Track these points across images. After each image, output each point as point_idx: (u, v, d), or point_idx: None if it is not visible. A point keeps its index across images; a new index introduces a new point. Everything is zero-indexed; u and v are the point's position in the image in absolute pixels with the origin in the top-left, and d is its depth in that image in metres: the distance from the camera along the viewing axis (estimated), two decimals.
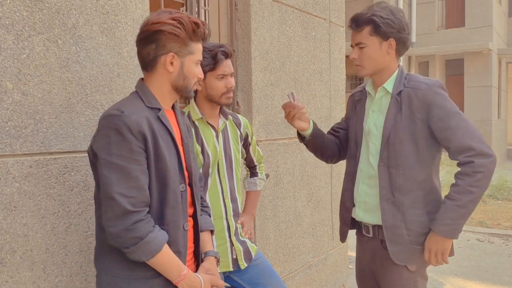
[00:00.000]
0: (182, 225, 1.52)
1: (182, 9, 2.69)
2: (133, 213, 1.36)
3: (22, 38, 1.60)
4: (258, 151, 2.33)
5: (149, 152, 1.42)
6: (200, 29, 1.50)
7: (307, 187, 3.44)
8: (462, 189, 1.78)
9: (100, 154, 1.38)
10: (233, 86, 2.00)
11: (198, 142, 1.98)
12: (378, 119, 1.95)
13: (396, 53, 1.93)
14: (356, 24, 1.92)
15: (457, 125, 1.80)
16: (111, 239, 1.39)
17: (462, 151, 1.79)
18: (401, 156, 1.87)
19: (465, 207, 1.79)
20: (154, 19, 1.46)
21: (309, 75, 3.45)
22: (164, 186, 1.46)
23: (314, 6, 3.48)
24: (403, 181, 1.87)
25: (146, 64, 1.51)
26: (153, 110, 1.48)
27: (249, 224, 2.21)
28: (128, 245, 1.37)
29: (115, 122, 1.37)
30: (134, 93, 1.52)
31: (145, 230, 1.37)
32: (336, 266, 3.87)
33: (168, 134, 1.49)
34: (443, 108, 1.82)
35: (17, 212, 1.58)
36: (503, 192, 8.63)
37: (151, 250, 1.39)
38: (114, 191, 1.35)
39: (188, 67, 1.51)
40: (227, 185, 2.05)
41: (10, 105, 1.56)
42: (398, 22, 1.87)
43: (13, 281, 1.57)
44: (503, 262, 4.88)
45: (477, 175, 1.76)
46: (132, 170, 1.37)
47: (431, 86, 1.85)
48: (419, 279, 1.94)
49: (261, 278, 2.11)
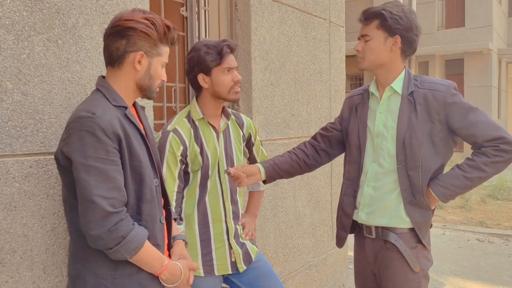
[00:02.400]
0: (158, 219, 1.55)
1: (182, 9, 2.69)
2: (114, 214, 1.36)
3: (22, 38, 1.60)
4: (262, 151, 2.29)
5: (123, 151, 1.42)
6: (171, 33, 1.52)
7: (307, 187, 3.44)
8: (476, 165, 1.82)
9: (75, 158, 1.36)
10: (240, 80, 1.98)
11: (197, 143, 1.96)
12: (387, 120, 1.94)
13: (401, 52, 1.92)
14: (365, 17, 1.93)
15: (480, 120, 1.83)
16: (92, 242, 1.38)
17: (490, 141, 1.82)
18: (420, 157, 1.86)
19: (471, 181, 1.83)
20: (127, 15, 1.47)
21: (309, 75, 3.45)
22: (141, 183, 1.48)
23: (314, 6, 3.48)
24: (423, 182, 1.88)
25: (114, 60, 1.50)
26: (119, 108, 1.48)
27: (250, 225, 2.17)
28: (111, 246, 1.37)
29: (87, 124, 1.36)
30: (97, 92, 1.50)
31: (127, 229, 1.38)
32: (336, 266, 3.87)
33: (136, 131, 1.51)
34: (463, 107, 1.85)
35: (17, 212, 1.58)
36: (503, 192, 8.64)
37: (133, 248, 1.40)
38: (93, 194, 1.34)
39: (155, 68, 1.53)
40: (228, 187, 2.03)
41: (10, 105, 1.56)
42: (406, 21, 1.87)
43: (13, 281, 1.57)
44: (503, 262, 4.88)
45: (496, 158, 1.79)
46: (109, 171, 1.37)
47: (448, 87, 1.87)
48: (422, 279, 1.93)
49: (260, 280, 2.09)
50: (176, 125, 1.96)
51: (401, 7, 1.90)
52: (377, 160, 1.96)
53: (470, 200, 8.06)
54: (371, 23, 1.90)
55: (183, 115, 2.01)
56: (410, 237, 1.93)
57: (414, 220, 1.90)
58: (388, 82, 1.94)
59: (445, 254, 5.12)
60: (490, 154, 1.80)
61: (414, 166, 1.87)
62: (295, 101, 3.29)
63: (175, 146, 1.90)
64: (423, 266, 1.92)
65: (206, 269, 1.99)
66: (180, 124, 1.97)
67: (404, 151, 1.88)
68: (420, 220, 1.91)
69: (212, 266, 1.99)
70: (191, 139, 1.95)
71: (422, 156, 1.86)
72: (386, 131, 1.93)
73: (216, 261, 2.00)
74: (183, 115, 2.01)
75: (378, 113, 1.96)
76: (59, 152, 1.44)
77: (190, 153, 1.94)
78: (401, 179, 1.89)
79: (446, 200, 1.89)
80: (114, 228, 1.36)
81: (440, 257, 4.99)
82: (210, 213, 1.99)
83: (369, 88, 2.03)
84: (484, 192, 8.71)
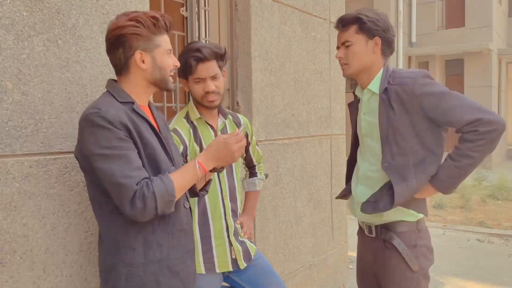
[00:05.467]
0: (182, 204, 1.59)
1: (182, 9, 2.69)
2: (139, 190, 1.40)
3: (22, 38, 1.60)
4: (257, 151, 2.33)
5: (135, 140, 1.45)
6: (160, 22, 1.52)
7: (307, 187, 3.44)
8: (462, 152, 1.81)
9: (93, 152, 1.40)
10: (211, 90, 1.96)
11: (196, 142, 1.98)
12: (370, 120, 1.97)
13: (382, 53, 1.95)
14: (342, 24, 1.96)
15: (453, 104, 1.81)
16: (141, 217, 1.41)
17: (467, 125, 1.80)
18: (408, 152, 1.87)
19: (463, 169, 1.83)
20: (113, 25, 1.50)
21: (309, 75, 3.45)
22: (157, 170, 1.50)
23: (314, 6, 3.48)
24: (417, 173, 1.87)
25: (120, 70, 1.54)
26: (126, 104, 1.51)
27: (248, 225, 2.20)
28: (155, 208, 1.40)
29: (95, 119, 1.39)
30: (105, 93, 1.55)
31: (150, 187, 1.39)
32: (336, 266, 3.87)
33: (146, 123, 1.53)
34: (433, 94, 1.83)
35: (17, 212, 1.58)
36: (503, 192, 8.62)
37: (168, 189, 1.42)
38: (118, 177, 1.37)
39: (161, 59, 1.54)
40: (227, 185, 2.05)
41: (10, 105, 1.56)
42: (383, 22, 1.91)
43: (13, 281, 1.57)
44: (503, 262, 4.88)
45: (479, 141, 1.78)
46: (127, 155, 1.40)
47: (415, 79, 1.86)
48: (421, 279, 1.94)
49: (261, 278, 2.11)
50: (175, 125, 1.99)
51: (374, 11, 1.95)
52: (368, 160, 1.99)
53: (470, 200, 8.06)
54: (349, 29, 1.94)
55: (181, 115, 2.05)
56: (409, 236, 1.94)
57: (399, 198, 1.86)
58: (368, 84, 1.97)
59: (445, 254, 5.12)
60: (472, 139, 1.79)
61: (403, 161, 1.88)
62: (295, 101, 3.29)
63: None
64: (422, 265, 1.93)
65: (207, 266, 2.00)
66: (179, 124, 2.00)
67: (390, 148, 1.89)
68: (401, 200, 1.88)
69: (213, 263, 2.01)
70: (191, 139, 1.98)
71: (410, 149, 1.87)
72: (371, 131, 1.96)
73: (217, 258, 2.02)
74: (181, 116, 2.04)
75: (363, 115, 2.01)
76: (77, 152, 1.49)
77: (190, 152, 1.97)
78: (391, 175, 1.89)
79: (447, 191, 1.89)
80: (143, 196, 1.38)
81: (440, 257, 4.99)
82: (210, 211, 2.01)
83: (355, 92, 2.08)
84: (484, 192, 8.71)
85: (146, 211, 1.39)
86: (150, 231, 1.50)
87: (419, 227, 1.97)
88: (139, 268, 1.48)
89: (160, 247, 1.51)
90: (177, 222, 1.55)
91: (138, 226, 1.47)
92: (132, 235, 1.48)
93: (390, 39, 1.94)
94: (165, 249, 1.52)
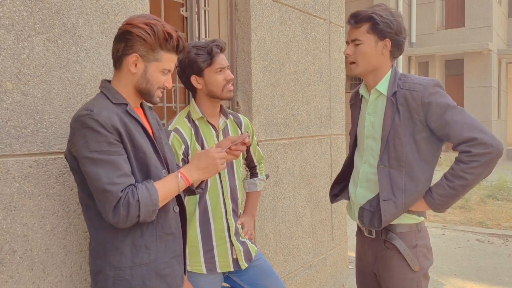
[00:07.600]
0: (171, 208, 1.59)
1: (182, 9, 2.69)
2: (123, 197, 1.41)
3: (22, 38, 1.60)
4: (258, 151, 2.33)
5: (125, 144, 1.45)
6: (173, 40, 1.51)
7: (307, 187, 3.44)
8: (455, 173, 1.81)
9: (81, 154, 1.40)
10: (232, 78, 2.01)
11: (198, 142, 1.99)
12: (375, 121, 1.95)
13: (390, 55, 1.93)
14: (355, 20, 1.92)
15: (454, 119, 1.80)
16: (122, 224, 1.42)
17: (463, 142, 1.79)
18: (404, 157, 1.87)
19: (456, 190, 1.82)
20: (129, 19, 1.50)
21: (309, 75, 3.45)
22: (147, 174, 1.50)
23: (314, 6, 3.48)
24: (407, 182, 1.88)
25: (115, 61, 1.55)
26: (120, 105, 1.51)
27: (249, 225, 2.20)
28: (138, 217, 1.41)
29: (86, 121, 1.39)
30: (99, 93, 1.55)
31: (135, 194, 1.40)
32: (335, 266, 3.87)
33: (139, 126, 1.53)
34: (439, 105, 1.82)
35: (17, 212, 1.58)
36: (503, 193, 8.63)
37: (153, 199, 1.43)
38: (104, 183, 1.37)
39: (152, 73, 1.53)
40: (228, 184, 2.05)
41: (10, 105, 1.56)
42: (396, 24, 1.88)
43: (13, 281, 1.57)
44: (503, 262, 4.88)
45: (472, 163, 1.77)
46: (115, 161, 1.40)
47: (426, 86, 1.85)
48: (422, 279, 1.94)
49: (261, 278, 2.11)
50: (177, 124, 1.99)
51: (389, 10, 1.91)
52: (368, 161, 1.98)
53: (470, 200, 8.06)
54: (361, 26, 1.90)
55: (183, 115, 2.04)
56: (410, 236, 1.94)
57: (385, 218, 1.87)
58: (376, 84, 1.96)
59: (445, 254, 5.12)
60: (465, 161, 1.78)
61: (397, 166, 1.88)
62: (295, 101, 3.29)
63: (177, 145, 1.94)
64: (422, 265, 1.93)
65: (208, 266, 2.00)
66: (181, 123, 2.00)
67: (388, 151, 1.89)
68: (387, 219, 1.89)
69: (214, 263, 2.01)
70: (192, 138, 1.98)
71: (406, 156, 1.87)
72: (374, 132, 1.95)
73: (218, 258, 2.02)
74: (183, 115, 2.04)
75: (367, 115, 1.99)
76: (67, 153, 1.50)
77: (192, 152, 1.97)
78: (381, 177, 1.90)
79: (439, 210, 1.88)
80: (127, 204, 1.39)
81: (440, 257, 5.00)
82: (211, 210, 2.01)
83: (360, 90, 2.06)
84: (484, 193, 8.71)
85: (128, 218, 1.40)
86: (138, 235, 1.50)
87: (419, 227, 1.97)
88: (126, 271, 1.48)
89: (148, 251, 1.51)
90: (165, 226, 1.55)
91: (126, 230, 1.47)
92: (120, 238, 1.48)
93: (401, 41, 1.92)
94: (153, 252, 1.52)
